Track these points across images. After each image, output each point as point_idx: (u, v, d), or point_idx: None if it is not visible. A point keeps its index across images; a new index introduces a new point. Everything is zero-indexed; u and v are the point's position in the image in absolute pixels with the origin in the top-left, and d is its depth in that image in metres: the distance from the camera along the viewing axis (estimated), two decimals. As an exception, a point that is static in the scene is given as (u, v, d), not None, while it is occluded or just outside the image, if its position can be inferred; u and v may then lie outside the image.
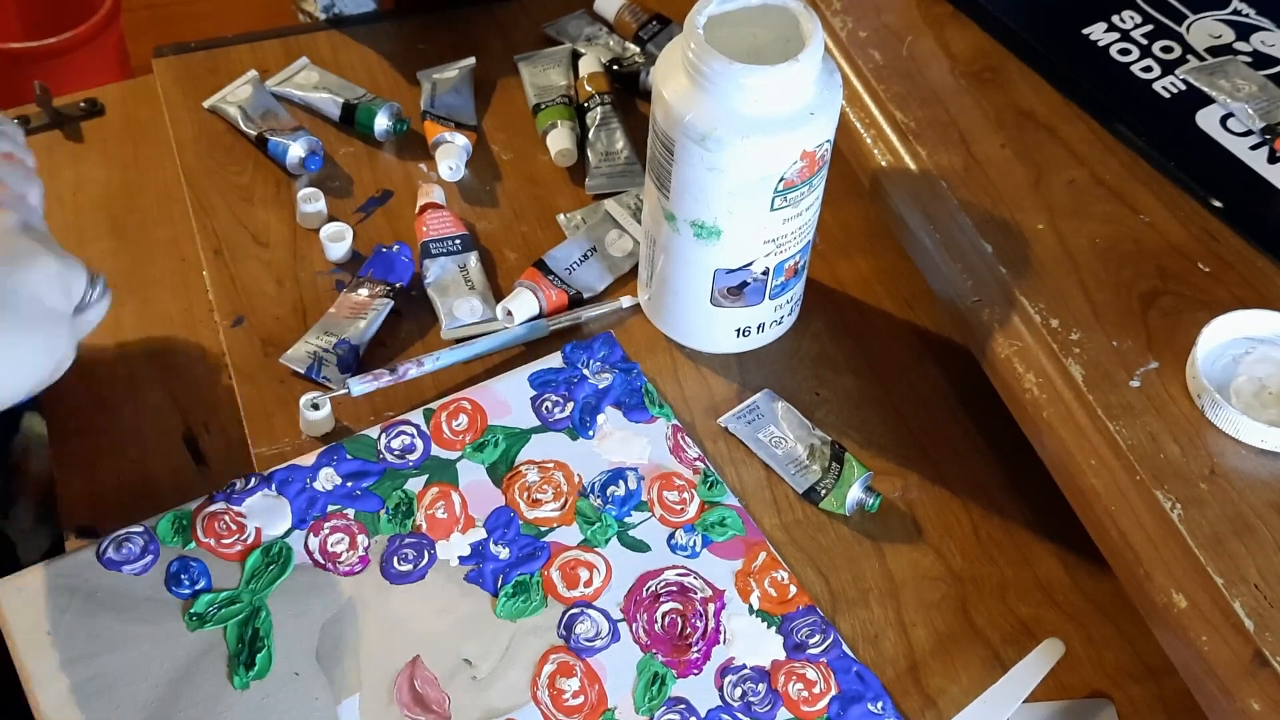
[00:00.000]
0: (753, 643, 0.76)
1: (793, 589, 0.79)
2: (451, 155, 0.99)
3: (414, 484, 0.82)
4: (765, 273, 0.84)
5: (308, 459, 0.82)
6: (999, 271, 0.80)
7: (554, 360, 0.88)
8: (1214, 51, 0.89)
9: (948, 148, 0.86)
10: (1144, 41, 0.90)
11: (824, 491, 0.82)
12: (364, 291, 0.90)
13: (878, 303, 0.94)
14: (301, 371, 0.87)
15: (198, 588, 0.77)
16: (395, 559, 0.79)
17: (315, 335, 0.88)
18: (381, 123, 1.00)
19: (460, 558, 0.79)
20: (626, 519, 0.81)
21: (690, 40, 0.77)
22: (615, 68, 1.06)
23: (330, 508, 0.81)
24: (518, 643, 0.76)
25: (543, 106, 1.02)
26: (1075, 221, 0.82)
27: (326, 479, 0.82)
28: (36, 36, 1.58)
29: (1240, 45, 0.89)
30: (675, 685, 0.75)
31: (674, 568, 0.79)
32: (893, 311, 0.93)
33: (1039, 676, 0.76)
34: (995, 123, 0.87)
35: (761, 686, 0.75)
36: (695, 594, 0.78)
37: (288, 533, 0.79)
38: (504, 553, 0.79)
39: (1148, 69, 0.88)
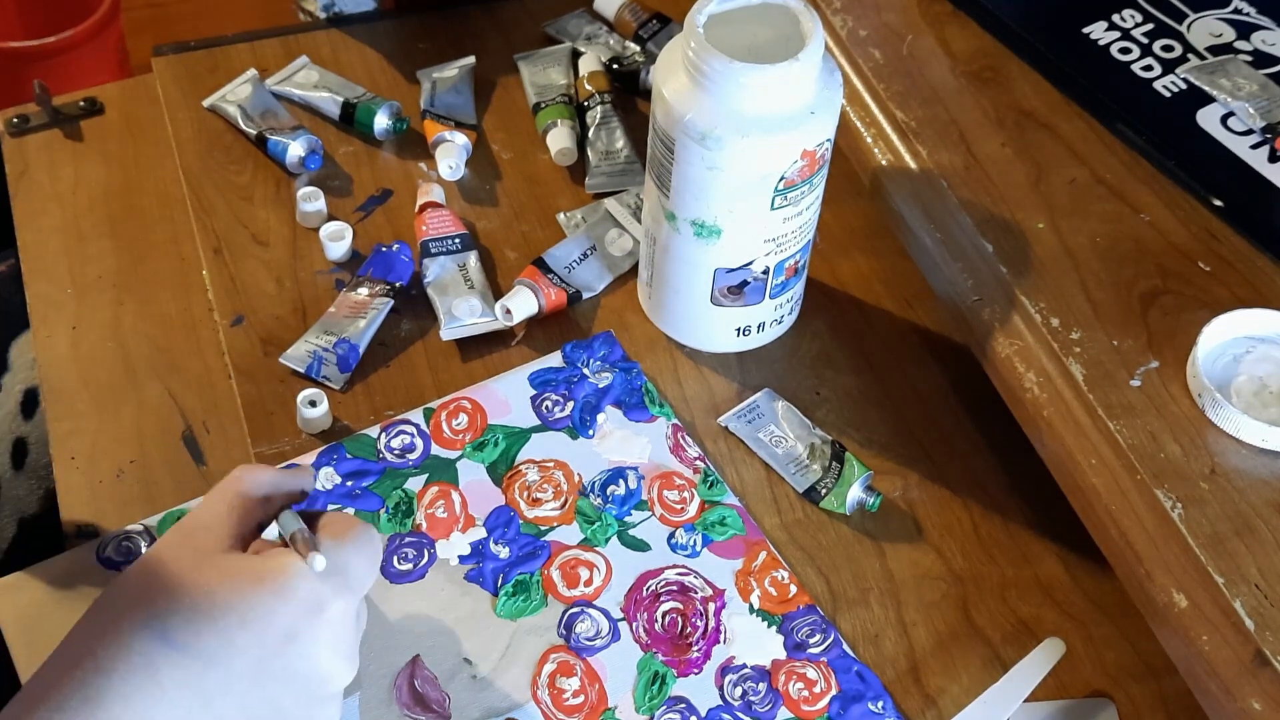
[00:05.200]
0: (753, 642, 0.76)
1: (793, 588, 0.79)
2: (451, 154, 0.99)
3: (414, 483, 0.82)
4: (765, 272, 0.84)
5: (308, 458, 0.82)
6: (999, 271, 0.80)
7: (554, 359, 0.88)
8: (1214, 50, 0.89)
9: (948, 147, 0.86)
10: (1144, 40, 0.90)
11: (824, 491, 0.82)
12: (364, 291, 0.90)
13: (878, 302, 0.94)
14: (301, 371, 0.87)
15: (197, 587, 0.77)
16: (395, 558, 0.79)
17: (315, 334, 0.88)
18: (381, 122, 1.00)
19: (460, 557, 0.79)
20: (627, 518, 0.81)
21: (690, 39, 0.77)
22: (615, 66, 1.06)
23: (330, 507, 0.80)
24: (518, 642, 0.76)
25: (543, 105, 1.02)
26: (1076, 220, 0.82)
27: (326, 478, 0.82)
28: (36, 35, 1.58)
29: (1241, 44, 0.89)
30: (675, 684, 0.75)
31: (674, 567, 0.79)
32: (893, 311, 0.93)
33: (1039, 676, 0.76)
34: (995, 122, 0.87)
35: (762, 686, 0.75)
36: (695, 593, 0.78)
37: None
38: (504, 552, 0.79)
39: (1148, 68, 0.88)
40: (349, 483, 0.81)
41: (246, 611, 0.56)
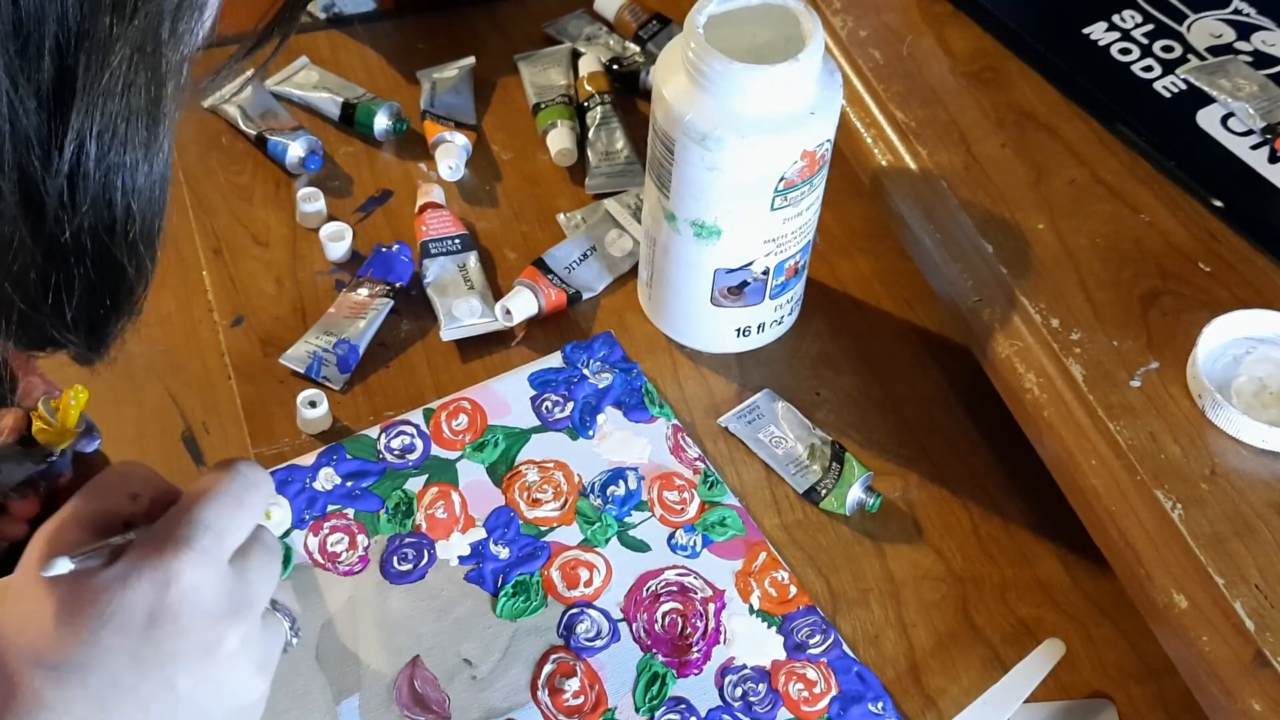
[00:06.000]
0: (753, 643, 0.76)
1: (793, 589, 0.79)
2: (451, 155, 0.99)
3: (414, 484, 0.82)
4: (765, 272, 0.84)
5: (307, 459, 0.82)
6: (999, 271, 0.80)
7: (554, 360, 0.88)
8: (1214, 51, 0.89)
9: (948, 147, 0.85)
10: (1144, 41, 0.90)
11: (824, 491, 0.82)
12: (363, 291, 0.90)
13: (878, 302, 0.94)
14: (301, 371, 0.87)
15: (197, 588, 0.77)
16: (395, 559, 0.79)
17: (315, 335, 0.88)
18: (381, 122, 1.00)
19: (460, 557, 0.79)
20: (627, 519, 0.81)
21: (690, 40, 0.77)
22: (615, 67, 1.06)
23: (330, 507, 0.80)
24: (518, 642, 0.76)
25: (543, 106, 1.02)
26: (1075, 221, 0.81)
27: (326, 479, 0.82)
28: (36, 36, 1.57)
29: (1241, 45, 0.89)
30: (675, 685, 0.75)
31: (674, 568, 0.79)
32: (893, 311, 0.93)
33: (1039, 677, 0.76)
34: (995, 122, 0.87)
35: (762, 686, 0.75)
36: (695, 594, 0.78)
37: (287, 533, 0.79)
38: (504, 552, 0.79)
39: (1148, 68, 0.88)
40: (349, 483, 0.81)
41: (103, 609, 0.55)
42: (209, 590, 0.56)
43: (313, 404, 0.84)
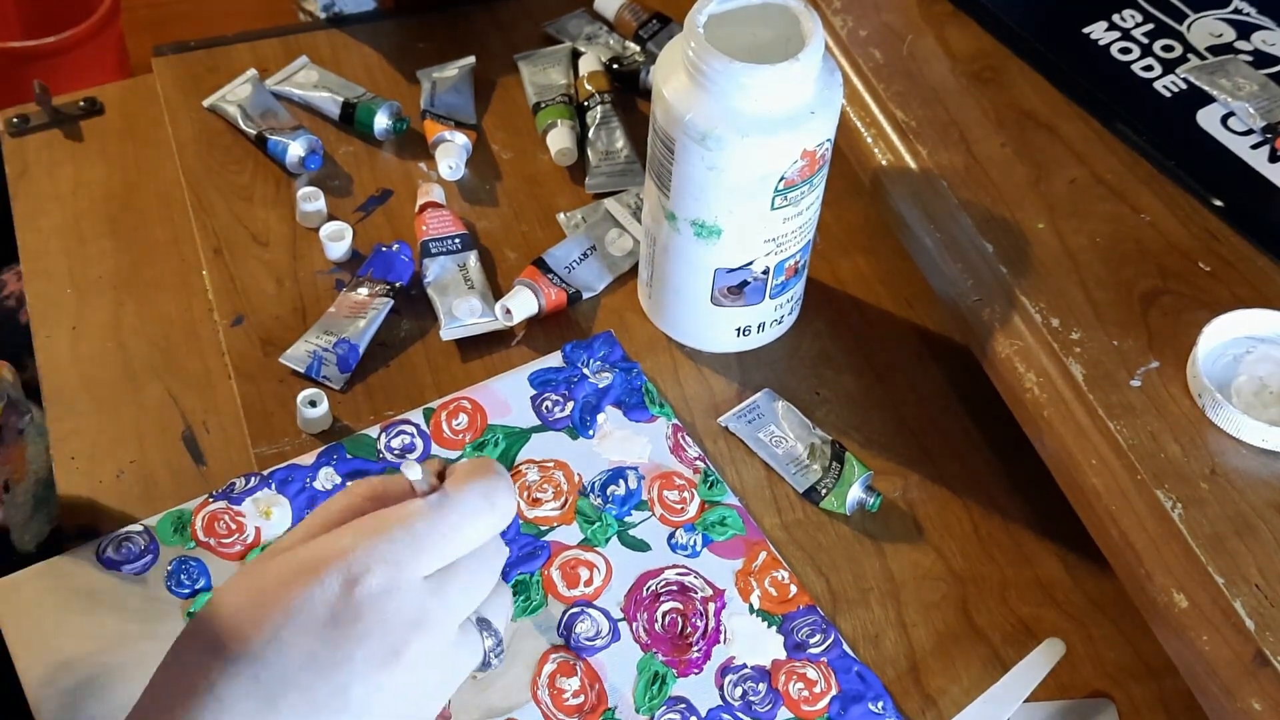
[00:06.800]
0: (753, 642, 0.76)
1: (793, 588, 0.79)
2: (451, 154, 0.99)
3: (414, 483, 0.82)
4: (765, 272, 0.84)
5: (308, 458, 0.82)
6: (999, 271, 0.80)
7: (554, 359, 0.88)
8: (1215, 50, 0.89)
9: (948, 147, 0.86)
10: (1145, 40, 0.90)
11: (824, 491, 0.82)
12: (364, 291, 0.90)
13: (878, 302, 0.94)
14: (301, 371, 0.87)
15: (197, 587, 0.77)
16: (395, 558, 0.79)
17: (315, 334, 0.88)
18: (381, 122, 1.00)
19: (460, 557, 0.79)
20: (627, 518, 0.81)
21: (690, 39, 0.77)
22: (615, 66, 1.06)
23: (330, 507, 0.80)
24: (518, 642, 0.76)
25: (543, 105, 1.02)
26: (1076, 221, 0.82)
27: (326, 478, 0.82)
28: (36, 36, 1.58)
29: (1241, 44, 0.89)
30: (675, 685, 0.75)
31: (674, 567, 0.79)
32: (893, 311, 0.93)
33: (1039, 676, 0.76)
34: (996, 122, 0.87)
35: (762, 686, 0.75)
36: (695, 593, 0.78)
37: (287, 532, 0.79)
38: (504, 552, 0.79)
39: (1148, 68, 0.88)
40: (349, 483, 0.81)
41: (289, 602, 0.54)
42: (396, 598, 0.56)
43: (313, 403, 0.84)
